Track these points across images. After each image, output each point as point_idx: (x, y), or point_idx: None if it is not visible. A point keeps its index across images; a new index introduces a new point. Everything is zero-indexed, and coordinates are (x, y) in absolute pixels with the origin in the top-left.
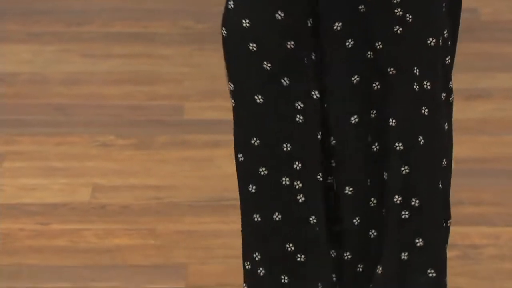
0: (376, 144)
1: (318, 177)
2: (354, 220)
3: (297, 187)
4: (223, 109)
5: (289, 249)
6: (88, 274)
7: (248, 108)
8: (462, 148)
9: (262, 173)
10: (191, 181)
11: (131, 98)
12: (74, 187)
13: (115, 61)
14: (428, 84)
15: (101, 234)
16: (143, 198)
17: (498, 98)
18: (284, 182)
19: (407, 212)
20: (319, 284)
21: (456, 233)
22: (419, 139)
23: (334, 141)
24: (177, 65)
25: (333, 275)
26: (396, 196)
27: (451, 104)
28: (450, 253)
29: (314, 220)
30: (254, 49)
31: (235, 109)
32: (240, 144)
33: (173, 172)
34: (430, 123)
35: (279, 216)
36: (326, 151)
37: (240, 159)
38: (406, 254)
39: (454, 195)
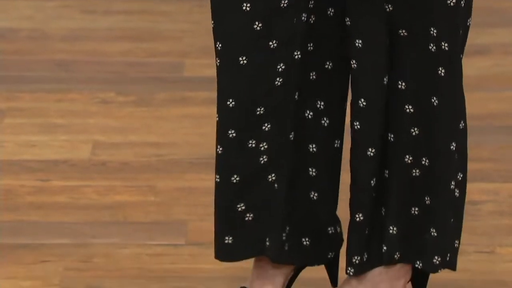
0: None
1: (290, 136)
2: (372, 181)
3: (262, 148)
4: None
5: (240, 208)
6: (89, 230)
7: (231, 69)
8: None
9: (230, 135)
10: (191, 138)
11: (131, 55)
12: (75, 144)
13: (115, 17)
14: (446, 45)
15: (102, 191)
16: (143, 155)
17: (497, 54)
18: (250, 145)
19: (417, 171)
20: (267, 239)
21: None
22: (433, 100)
23: (364, 103)
24: (177, 21)
25: (283, 234)
26: (407, 156)
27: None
28: None
29: (273, 178)
30: (248, 8)
31: (218, 69)
32: (218, 105)
33: (173, 129)
34: (446, 84)
35: (237, 178)
36: (351, 113)
37: (217, 119)
38: (417, 209)
39: None
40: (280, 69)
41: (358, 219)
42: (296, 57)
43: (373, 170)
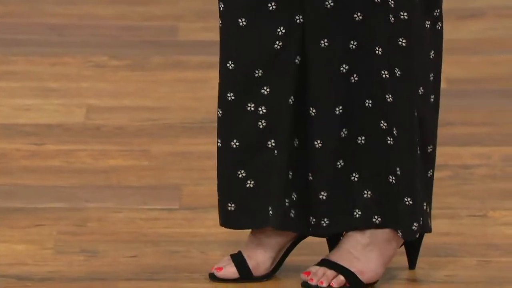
0: (355, 75)
1: (290, 100)
2: (316, 143)
3: (260, 112)
4: (217, 30)
5: (240, 175)
6: (83, 194)
7: (230, 30)
8: (455, 68)
9: (229, 98)
10: (185, 102)
11: (125, 19)
12: (69, 108)
13: None
14: (405, 14)
15: (96, 155)
16: (138, 120)
17: (491, 17)
18: (249, 108)
19: (391, 139)
20: (269, 208)
21: (448, 153)
22: (395, 71)
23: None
24: None
25: (286, 200)
26: (382, 122)
27: (438, 31)
28: (441, 173)
29: (273, 144)
30: None
31: (220, 30)
32: (220, 67)
33: (168, 93)
34: (406, 53)
35: (237, 143)
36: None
37: (218, 82)
38: (394, 178)
39: (446, 116)
40: (280, 33)
41: (310, 178)
42: (298, 21)
43: (314, 131)
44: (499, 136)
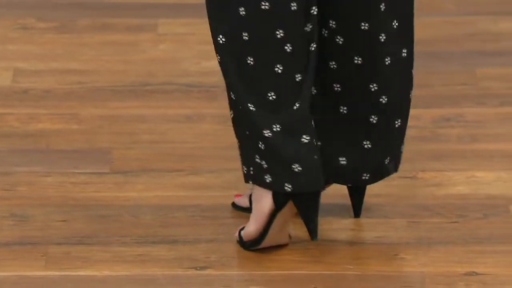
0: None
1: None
2: (269, 95)
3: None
4: None
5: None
6: (12, 159)
7: None
8: None
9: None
10: (114, 65)
11: None
12: None
13: None
14: None
15: (24, 119)
16: (66, 83)
17: None
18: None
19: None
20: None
21: None
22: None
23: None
24: None
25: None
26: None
27: None
28: None
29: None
30: None
31: None
32: None
33: (96, 56)
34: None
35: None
36: None
37: None
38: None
39: None
40: None
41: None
42: None
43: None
44: (428, 98)
